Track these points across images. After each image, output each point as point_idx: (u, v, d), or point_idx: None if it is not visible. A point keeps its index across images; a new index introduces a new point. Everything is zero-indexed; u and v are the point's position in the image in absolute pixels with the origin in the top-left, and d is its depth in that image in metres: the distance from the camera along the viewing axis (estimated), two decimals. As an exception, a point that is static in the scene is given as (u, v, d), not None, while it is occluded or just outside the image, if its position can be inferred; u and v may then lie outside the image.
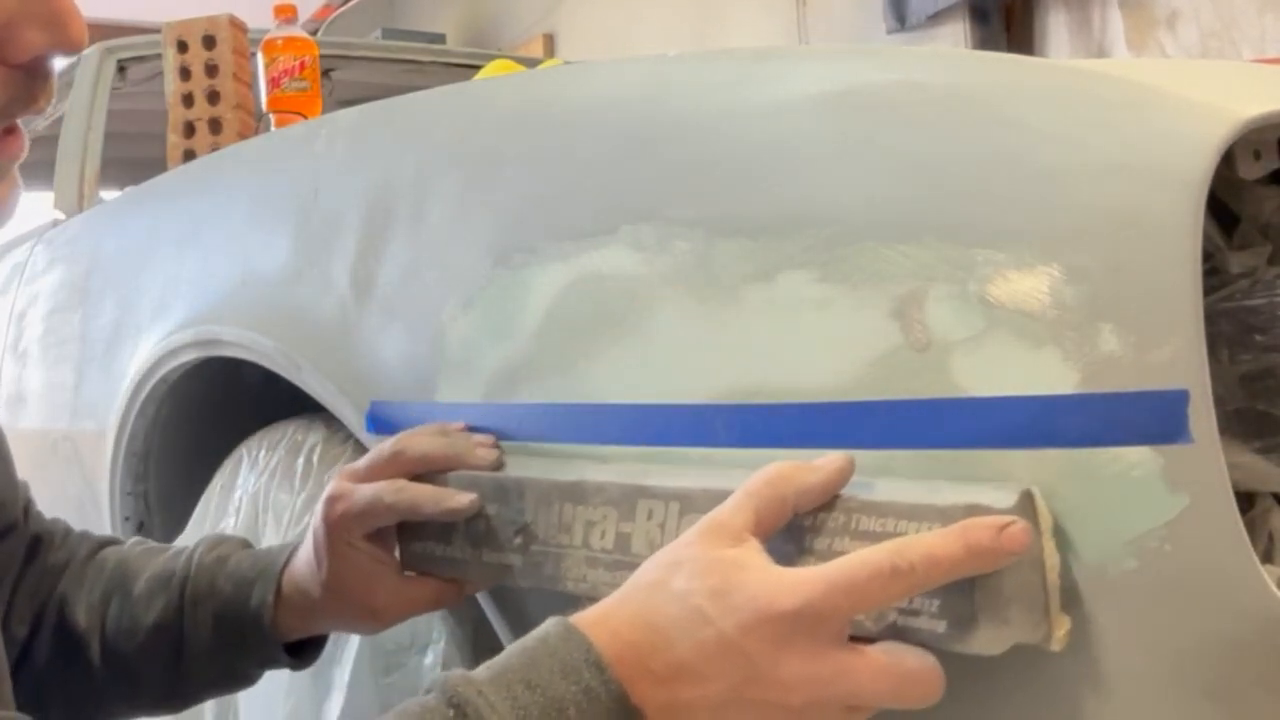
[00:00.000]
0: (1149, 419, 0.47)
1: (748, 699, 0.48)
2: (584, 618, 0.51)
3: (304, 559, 0.73)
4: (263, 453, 1.03)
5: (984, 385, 0.51)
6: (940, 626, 0.48)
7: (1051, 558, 0.49)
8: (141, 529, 1.21)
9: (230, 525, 1.04)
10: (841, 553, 0.50)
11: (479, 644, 0.82)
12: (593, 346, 0.66)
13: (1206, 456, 0.46)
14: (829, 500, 0.53)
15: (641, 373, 0.63)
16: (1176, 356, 0.46)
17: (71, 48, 0.52)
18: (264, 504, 1.00)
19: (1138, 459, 0.47)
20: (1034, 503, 0.49)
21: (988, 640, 0.48)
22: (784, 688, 0.48)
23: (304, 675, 0.91)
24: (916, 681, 0.48)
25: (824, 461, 0.53)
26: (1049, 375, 0.49)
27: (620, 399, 0.64)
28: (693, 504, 0.57)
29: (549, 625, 0.51)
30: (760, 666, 0.48)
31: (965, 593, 0.48)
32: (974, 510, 0.48)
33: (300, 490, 0.96)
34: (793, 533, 0.53)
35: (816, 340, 0.56)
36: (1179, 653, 0.48)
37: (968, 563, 0.47)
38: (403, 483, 0.69)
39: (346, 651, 0.88)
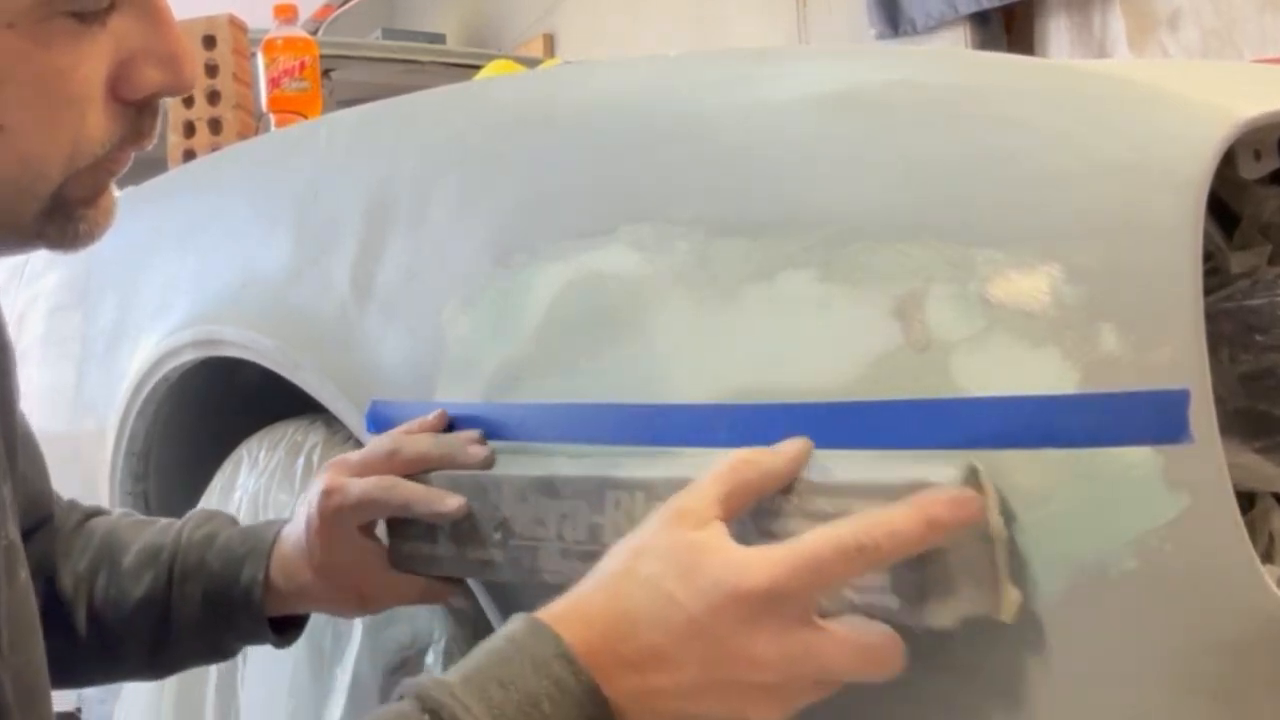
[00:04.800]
0: (1149, 419, 0.47)
1: (719, 680, 0.49)
2: (552, 611, 0.51)
3: (293, 542, 0.74)
4: (263, 453, 1.03)
5: (984, 385, 0.51)
6: (893, 602, 0.50)
7: (998, 530, 0.50)
8: (141, 529, 1.21)
9: (230, 525, 1.04)
10: (796, 533, 0.51)
11: (479, 643, 0.82)
12: (593, 346, 0.66)
13: (1207, 456, 0.46)
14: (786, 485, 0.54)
15: (641, 373, 0.63)
16: (1177, 356, 0.46)
17: (184, 89, 0.56)
18: (264, 504, 1.00)
19: (1138, 459, 0.47)
20: (979, 477, 0.50)
21: (938, 613, 0.49)
22: (755, 666, 0.49)
23: (305, 676, 0.91)
24: (879, 654, 0.49)
25: (785, 445, 0.54)
26: (1049, 375, 0.49)
27: (620, 399, 0.64)
28: (657, 493, 0.57)
29: (515, 623, 0.51)
30: (730, 647, 0.49)
31: (915, 568, 0.49)
32: (920, 486, 0.49)
33: (300, 490, 0.96)
34: (750, 517, 0.54)
35: (817, 340, 0.56)
36: (1179, 653, 0.48)
37: (927, 536, 0.48)
38: (394, 479, 0.70)
39: (348, 652, 0.88)
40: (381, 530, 0.74)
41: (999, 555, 0.50)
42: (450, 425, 0.73)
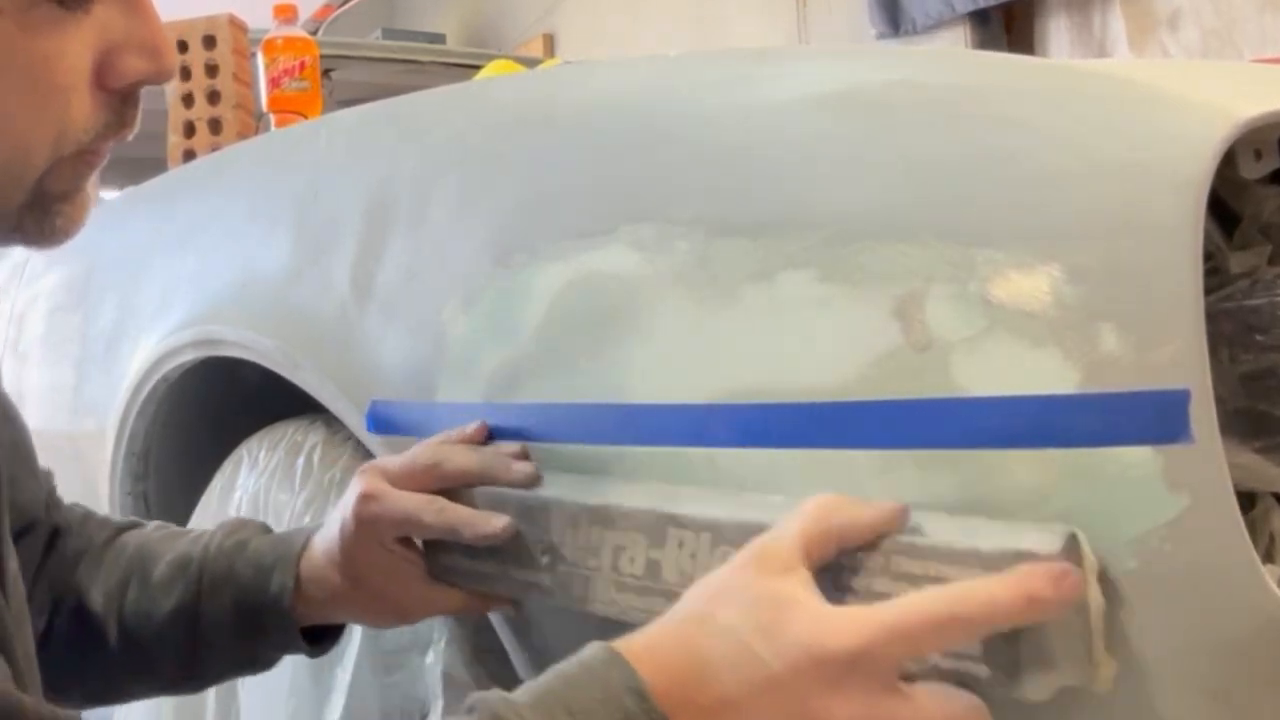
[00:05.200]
0: (1149, 419, 0.47)
1: None
2: (628, 645, 0.50)
3: (323, 548, 0.73)
4: (263, 453, 1.03)
5: (984, 385, 0.51)
6: (983, 671, 0.48)
7: (1096, 600, 0.48)
8: (141, 529, 1.21)
9: (230, 525, 1.04)
10: (880, 594, 0.50)
11: (479, 644, 0.82)
12: (593, 346, 0.66)
13: (1207, 456, 0.46)
14: (871, 540, 0.52)
15: (641, 373, 0.63)
16: (1177, 356, 0.46)
17: (165, 77, 0.56)
18: (264, 504, 1.00)
19: (1138, 459, 0.47)
20: (1079, 545, 0.48)
21: (1033, 687, 0.47)
22: None
23: (305, 676, 0.91)
24: None
25: (877, 502, 0.52)
26: (1049, 375, 0.49)
27: (620, 399, 0.64)
28: (724, 536, 0.56)
29: (592, 650, 0.50)
30: (809, 708, 0.47)
31: (1010, 639, 0.47)
32: (1021, 557, 0.47)
33: (300, 490, 0.96)
34: (830, 570, 0.52)
35: (817, 340, 0.56)
36: (1179, 653, 0.48)
37: (1025, 611, 0.46)
38: (443, 503, 0.68)
39: (348, 652, 0.88)
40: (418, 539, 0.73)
41: (1096, 626, 0.48)
42: (488, 435, 0.71)
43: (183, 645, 0.76)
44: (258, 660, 0.78)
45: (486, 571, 0.68)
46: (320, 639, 0.77)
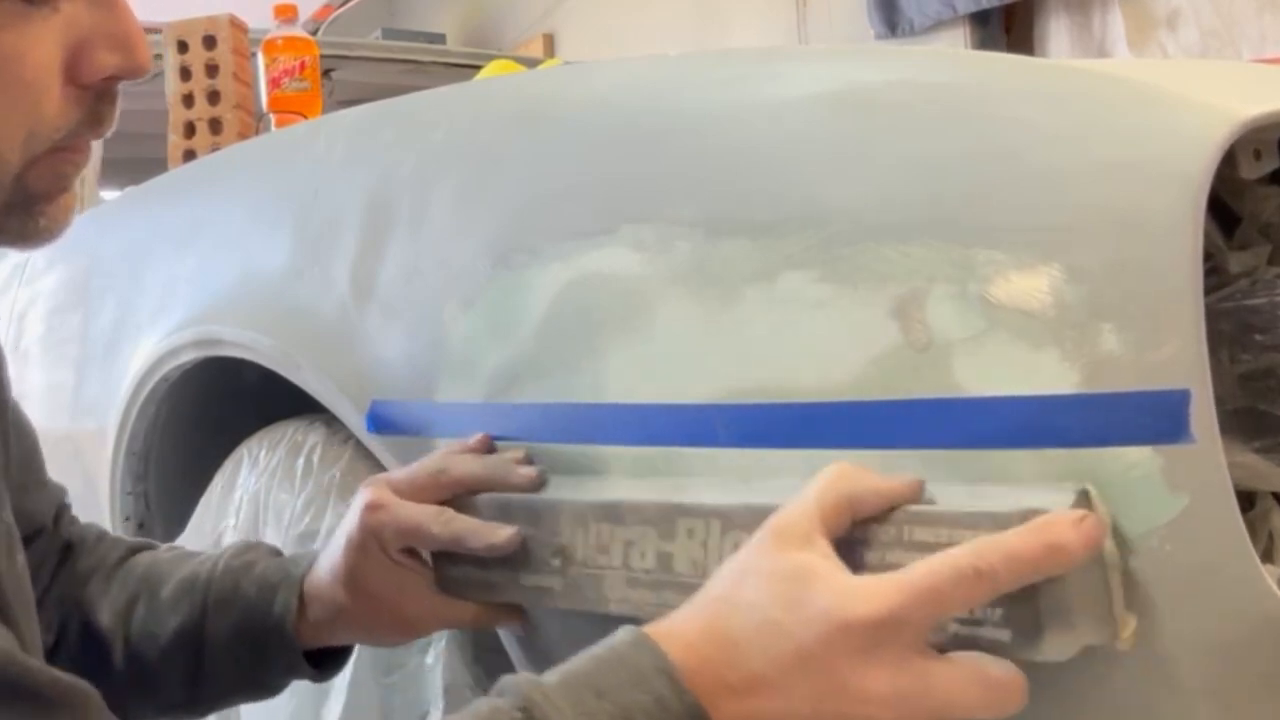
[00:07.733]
0: (1149, 419, 0.47)
1: (828, 712, 0.47)
2: (655, 629, 0.50)
3: (328, 565, 0.72)
4: (263, 453, 1.03)
5: (984, 385, 0.51)
6: (1005, 635, 0.47)
7: (1112, 556, 0.48)
8: (141, 529, 1.21)
9: (230, 525, 1.04)
10: (896, 564, 0.49)
11: (480, 643, 0.82)
12: (593, 346, 0.66)
13: (1207, 456, 0.46)
14: (881, 513, 0.51)
15: (641, 373, 0.63)
16: (1177, 356, 0.46)
17: (138, 72, 0.55)
18: (264, 504, 1.00)
19: (1138, 459, 0.47)
20: (1091, 500, 0.48)
21: (1055, 647, 0.46)
22: (869, 701, 0.46)
23: (304, 675, 0.91)
24: (1002, 689, 0.46)
25: (891, 474, 0.52)
26: (1049, 375, 0.49)
27: (620, 399, 0.64)
28: (734, 522, 0.56)
29: (620, 634, 0.50)
30: (842, 679, 0.46)
31: (1029, 600, 0.46)
32: (1033, 514, 0.47)
33: (300, 490, 0.96)
34: (844, 545, 0.51)
35: (817, 340, 0.56)
36: (1179, 653, 0.48)
37: (1048, 561, 0.45)
38: (450, 513, 0.68)
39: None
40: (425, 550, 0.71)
41: (1114, 581, 0.47)
42: (492, 445, 0.71)
43: (185, 666, 0.75)
44: (260, 683, 0.76)
45: (496, 580, 0.67)
46: (325, 663, 0.76)
